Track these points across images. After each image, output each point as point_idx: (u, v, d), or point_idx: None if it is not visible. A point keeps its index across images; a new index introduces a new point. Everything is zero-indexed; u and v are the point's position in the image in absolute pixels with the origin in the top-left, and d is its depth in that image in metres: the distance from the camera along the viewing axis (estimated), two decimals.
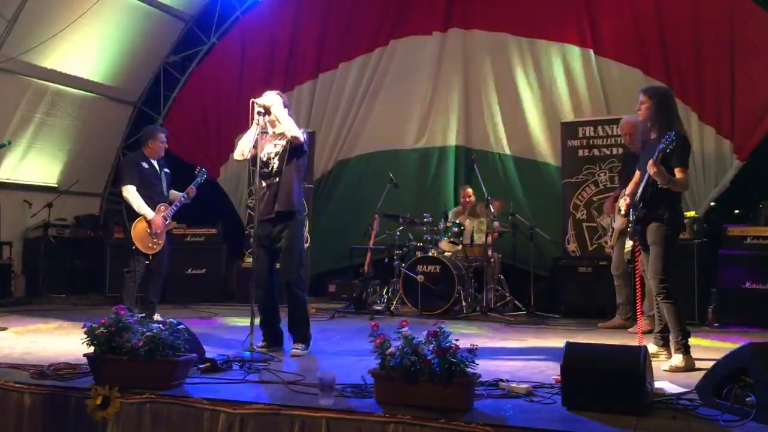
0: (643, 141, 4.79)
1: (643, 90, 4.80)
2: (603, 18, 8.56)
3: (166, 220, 6.34)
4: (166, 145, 6.62)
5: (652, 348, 4.76)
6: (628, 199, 4.80)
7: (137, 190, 6.27)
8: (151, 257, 6.28)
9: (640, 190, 4.61)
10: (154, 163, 6.50)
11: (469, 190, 8.41)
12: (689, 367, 4.35)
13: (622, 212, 4.86)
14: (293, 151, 4.96)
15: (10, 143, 7.99)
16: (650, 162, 4.38)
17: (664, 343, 4.77)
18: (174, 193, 6.63)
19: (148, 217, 6.24)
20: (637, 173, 4.92)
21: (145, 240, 6.24)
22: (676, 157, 4.43)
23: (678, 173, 4.46)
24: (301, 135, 4.95)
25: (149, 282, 6.40)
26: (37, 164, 9.54)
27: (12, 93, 8.84)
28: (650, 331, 5.84)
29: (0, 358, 4.48)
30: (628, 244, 5.25)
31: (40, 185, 9.64)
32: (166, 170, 6.63)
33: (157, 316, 6.04)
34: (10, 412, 3.60)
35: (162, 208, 6.35)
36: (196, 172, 6.66)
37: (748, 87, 7.73)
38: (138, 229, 6.22)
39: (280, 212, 4.91)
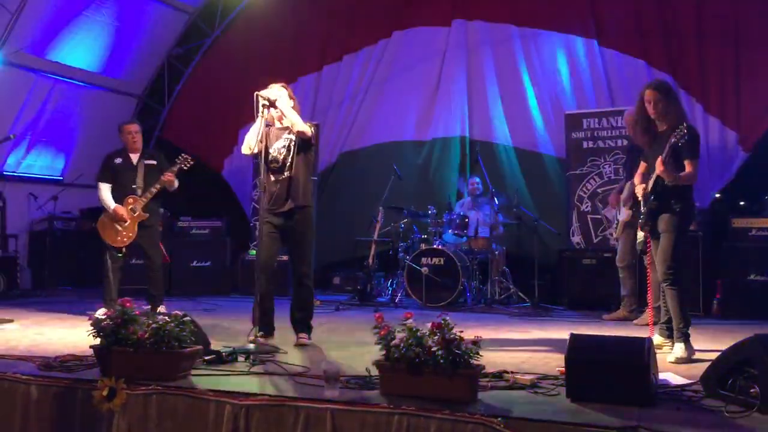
0: (651, 134, 4.77)
1: (651, 86, 4.74)
2: (606, 8, 8.53)
3: (134, 212, 6.25)
4: (136, 137, 6.46)
5: (657, 339, 4.76)
6: (642, 186, 4.78)
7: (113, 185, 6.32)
8: (125, 249, 6.25)
9: (651, 183, 4.62)
10: (133, 156, 6.43)
11: (477, 179, 8.41)
12: (690, 355, 4.37)
13: (640, 200, 4.84)
14: (302, 145, 4.99)
15: (15, 136, 8.01)
16: (658, 161, 4.40)
17: (669, 335, 4.77)
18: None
19: (109, 208, 6.27)
20: (643, 164, 4.91)
21: (110, 233, 6.27)
22: (686, 150, 4.45)
23: (688, 166, 4.48)
24: (307, 129, 4.95)
25: (146, 276, 6.37)
26: (42, 157, 9.56)
27: (17, 86, 8.85)
28: (655, 323, 5.85)
29: (7, 350, 4.50)
30: (641, 234, 5.25)
31: (46, 178, 9.67)
32: (149, 162, 6.44)
33: (162, 309, 6.06)
34: (17, 404, 3.62)
35: (130, 200, 6.28)
36: (177, 160, 6.40)
37: (754, 77, 7.70)
38: (101, 222, 6.31)
39: (293, 207, 4.95)
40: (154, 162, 6.46)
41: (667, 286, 4.55)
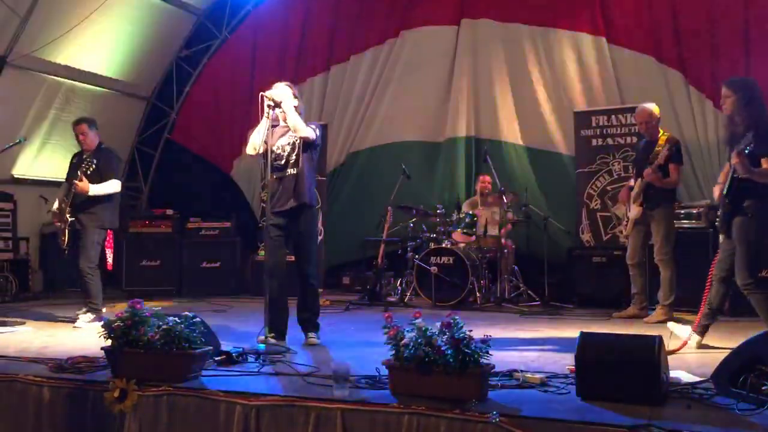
0: (731, 134, 4.61)
1: (726, 84, 4.66)
2: (615, 5, 8.49)
3: (62, 214, 6.10)
4: (81, 138, 6.32)
5: (695, 338, 4.68)
6: (718, 187, 4.67)
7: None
8: (67, 251, 6.20)
9: (726, 184, 4.50)
10: (85, 155, 6.25)
11: (488, 178, 8.39)
12: None
13: (716, 200, 4.73)
14: (306, 144, 4.99)
15: (25, 139, 8.05)
16: (734, 153, 4.30)
17: (703, 332, 4.72)
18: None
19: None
20: (726, 165, 4.80)
21: (60, 234, 6.28)
22: (759, 148, 4.27)
23: (765, 163, 4.32)
24: (310, 133, 4.95)
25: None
26: (52, 160, 9.60)
27: (26, 89, 8.90)
28: (664, 321, 5.85)
29: (19, 352, 4.54)
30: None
31: (56, 181, 9.68)
32: (90, 160, 6.13)
33: (85, 318, 6.02)
34: (30, 406, 3.65)
35: (63, 202, 6.20)
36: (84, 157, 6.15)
37: (764, 72, 7.63)
38: None
39: (296, 205, 4.94)
40: (95, 161, 6.19)
41: (749, 295, 4.46)
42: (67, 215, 6.08)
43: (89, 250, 6.12)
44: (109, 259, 6.41)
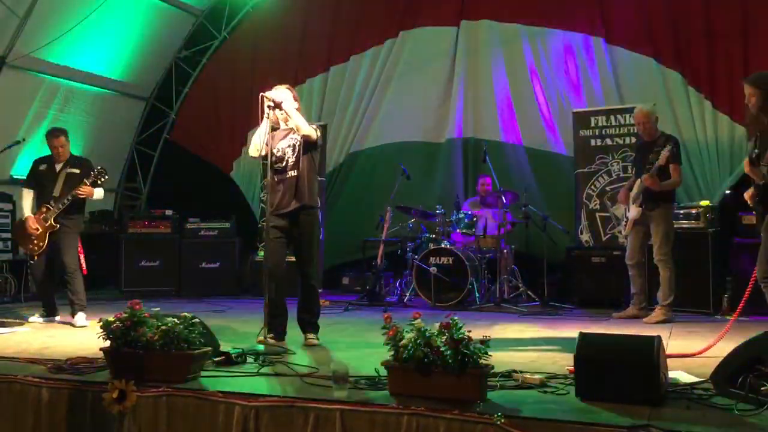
0: (760, 131, 4.49)
1: (748, 81, 4.47)
2: (614, 6, 8.50)
3: (45, 221, 6.12)
4: (60, 150, 6.32)
5: None
6: (749, 191, 4.63)
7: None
8: (37, 257, 6.19)
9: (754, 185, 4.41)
10: (58, 165, 6.31)
11: (486, 179, 8.39)
12: None
13: (750, 204, 4.66)
14: (307, 145, 4.99)
15: (24, 140, 8.04)
16: (745, 161, 4.24)
17: None
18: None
19: (23, 216, 6.29)
20: None
21: (24, 240, 6.25)
22: None
23: None
24: (312, 132, 4.96)
25: (47, 283, 6.40)
26: None
27: (26, 90, 8.90)
28: (666, 321, 5.83)
29: (18, 352, 4.53)
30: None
31: None
32: (72, 170, 6.27)
33: (79, 317, 6.09)
34: (29, 407, 3.64)
35: (44, 209, 6.16)
36: (92, 172, 6.21)
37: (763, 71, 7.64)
38: (17, 227, 6.41)
39: (298, 207, 4.94)
40: (77, 171, 6.27)
41: (765, 289, 4.44)
42: (51, 221, 6.14)
43: (73, 250, 6.29)
44: (83, 264, 6.53)
